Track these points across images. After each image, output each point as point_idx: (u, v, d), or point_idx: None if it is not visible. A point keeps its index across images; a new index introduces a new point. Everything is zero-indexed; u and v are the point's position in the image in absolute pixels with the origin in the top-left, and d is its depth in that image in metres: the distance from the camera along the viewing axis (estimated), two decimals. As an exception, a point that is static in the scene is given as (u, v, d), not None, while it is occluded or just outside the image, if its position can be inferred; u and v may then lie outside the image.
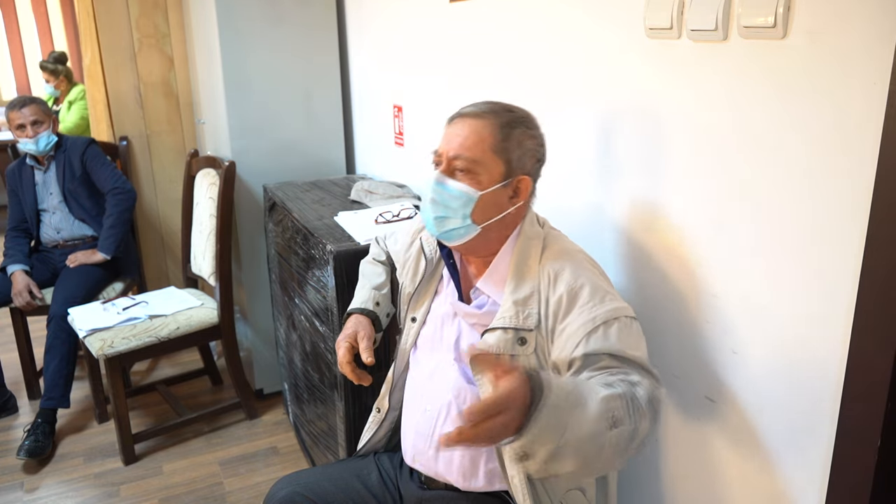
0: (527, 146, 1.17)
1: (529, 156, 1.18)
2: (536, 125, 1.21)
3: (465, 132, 1.16)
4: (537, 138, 1.20)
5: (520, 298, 1.14)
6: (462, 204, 1.15)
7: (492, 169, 1.15)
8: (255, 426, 2.63)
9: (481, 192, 1.15)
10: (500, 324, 1.14)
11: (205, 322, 2.50)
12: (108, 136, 3.18)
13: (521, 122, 1.18)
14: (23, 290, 2.58)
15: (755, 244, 1.08)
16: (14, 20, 5.79)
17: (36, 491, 2.27)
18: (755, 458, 1.14)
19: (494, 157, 1.15)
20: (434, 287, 1.32)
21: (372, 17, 2.41)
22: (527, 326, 1.13)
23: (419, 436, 1.29)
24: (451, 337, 1.26)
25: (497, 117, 1.16)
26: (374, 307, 1.43)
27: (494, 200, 1.16)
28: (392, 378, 1.39)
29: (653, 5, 1.17)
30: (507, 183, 1.16)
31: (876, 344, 0.90)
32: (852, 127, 0.91)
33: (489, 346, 1.14)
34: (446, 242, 1.23)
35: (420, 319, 1.32)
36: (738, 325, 1.13)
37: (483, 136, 1.14)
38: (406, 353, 1.35)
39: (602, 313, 1.07)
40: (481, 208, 1.16)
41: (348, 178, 2.60)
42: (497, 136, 1.14)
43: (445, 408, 1.24)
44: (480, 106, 1.18)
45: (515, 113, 1.18)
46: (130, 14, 3.08)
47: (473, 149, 1.14)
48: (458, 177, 1.16)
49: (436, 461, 1.27)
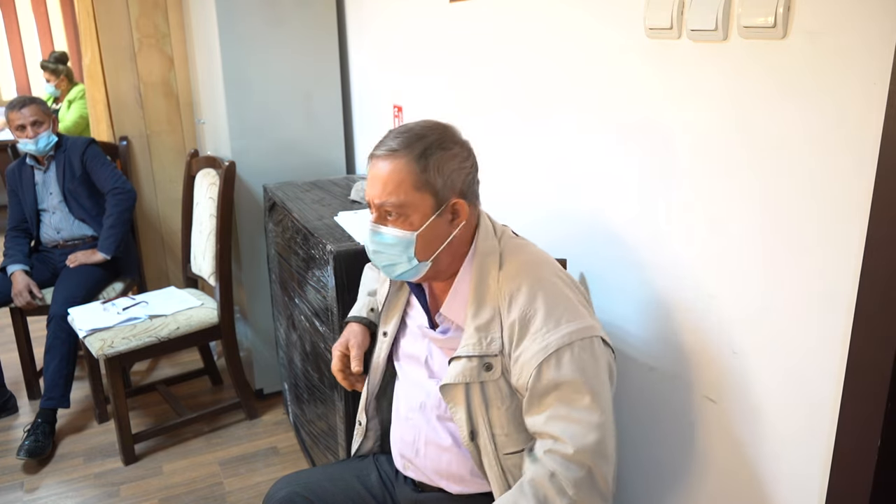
0: (448, 169, 1.12)
1: (455, 177, 1.13)
2: (455, 140, 1.15)
3: (384, 175, 1.12)
4: (458, 155, 1.14)
5: (481, 324, 1.13)
6: (403, 248, 1.13)
7: (420, 206, 1.11)
8: (255, 426, 2.63)
9: (416, 233, 1.12)
10: (463, 352, 1.13)
11: (205, 322, 2.50)
12: (108, 136, 3.18)
13: (435, 146, 1.12)
14: (23, 290, 2.58)
15: (755, 244, 1.08)
16: (14, 20, 5.79)
17: (36, 491, 2.27)
18: (755, 459, 1.14)
19: (419, 194, 1.11)
20: (403, 300, 1.31)
21: (372, 17, 2.41)
22: (491, 352, 1.12)
23: (405, 444, 1.30)
24: (422, 355, 1.27)
25: (410, 151, 1.11)
26: (367, 314, 1.43)
27: (434, 233, 1.14)
28: (367, 391, 1.39)
29: (653, 5, 1.17)
30: (440, 212, 1.13)
31: (876, 344, 0.90)
32: (852, 127, 0.91)
33: (456, 374, 1.13)
34: (405, 281, 1.23)
35: (391, 333, 1.32)
36: (738, 325, 1.13)
37: (402, 176, 1.10)
38: (379, 367, 1.35)
39: (555, 340, 1.06)
40: (423, 245, 1.13)
41: (348, 178, 2.60)
42: (415, 171, 1.10)
43: (427, 419, 1.25)
44: (393, 142, 1.13)
45: (427, 138, 1.13)
46: (130, 14, 3.08)
47: (396, 192, 1.11)
48: (392, 222, 1.13)
49: (425, 467, 1.28)
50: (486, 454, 1.15)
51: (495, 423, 1.14)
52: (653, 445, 1.37)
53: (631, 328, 1.37)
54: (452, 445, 1.23)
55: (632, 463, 1.43)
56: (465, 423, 1.15)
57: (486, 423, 1.14)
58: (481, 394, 1.14)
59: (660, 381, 1.32)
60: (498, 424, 1.14)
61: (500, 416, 1.14)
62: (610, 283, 1.41)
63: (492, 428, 1.14)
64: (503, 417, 1.14)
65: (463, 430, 1.16)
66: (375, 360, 1.35)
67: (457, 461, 1.23)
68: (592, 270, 1.45)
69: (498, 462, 1.15)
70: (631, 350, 1.38)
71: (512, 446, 1.14)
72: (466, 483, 1.25)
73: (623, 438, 1.42)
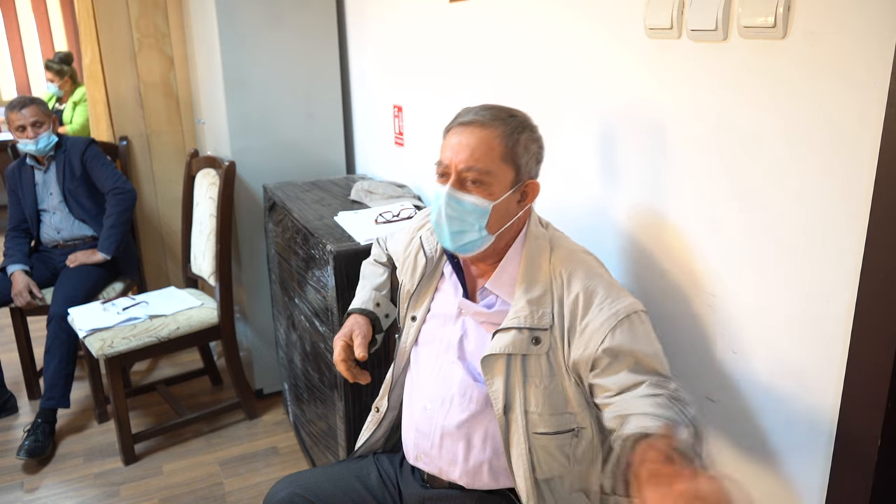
0: (532, 150, 1.17)
1: (534, 159, 1.19)
2: (536, 126, 1.21)
3: (472, 143, 1.13)
4: (538, 140, 1.20)
5: (533, 298, 1.15)
6: (477, 217, 1.14)
7: (503, 178, 1.14)
8: (255, 426, 2.63)
9: (494, 203, 1.14)
10: (514, 323, 1.14)
11: (205, 322, 2.50)
12: (108, 136, 3.18)
13: (524, 126, 1.17)
14: (23, 290, 2.58)
15: (756, 243, 1.08)
16: (14, 20, 5.79)
17: (36, 491, 2.27)
18: (755, 458, 1.14)
19: (504, 166, 1.14)
20: (434, 285, 1.31)
21: (372, 18, 2.41)
22: (542, 326, 1.13)
23: (420, 434, 1.29)
24: (454, 336, 1.26)
25: (504, 125, 1.14)
26: (374, 308, 1.43)
27: (506, 208, 1.16)
28: (392, 377, 1.39)
29: (653, 5, 1.17)
30: (515, 189, 1.16)
31: (876, 344, 0.90)
32: (852, 126, 0.91)
33: (503, 345, 1.14)
34: (461, 255, 1.23)
35: (420, 318, 1.31)
36: (738, 325, 1.13)
37: (492, 145, 1.13)
38: (406, 352, 1.35)
39: (623, 308, 1.09)
40: (495, 218, 1.16)
41: (348, 178, 2.60)
42: (506, 144, 1.13)
43: (447, 403, 1.24)
44: (483, 114, 1.16)
45: (518, 118, 1.18)
46: (130, 14, 3.08)
47: (484, 159, 1.12)
48: (470, 188, 1.14)
49: (439, 459, 1.27)
50: (515, 430, 1.16)
51: (530, 400, 1.14)
52: (653, 445, 1.37)
53: (631, 328, 1.37)
54: (469, 442, 1.22)
55: (632, 463, 1.43)
56: (500, 396, 1.16)
57: (522, 398, 1.15)
58: (522, 368, 1.14)
59: (660, 381, 1.32)
60: (533, 402, 1.14)
61: (538, 393, 1.14)
62: (610, 283, 1.41)
63: (526, 405, 1.15)
64: (539, 396, 1.14)
65: (498, 402, 1.16)
66: (402, 345, 1.35)
67: (472, 456, 1.23)
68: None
69: (527, 440, 1.15)
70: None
71: (543, 426, 1.14)
72: (479, 478, 1.24)
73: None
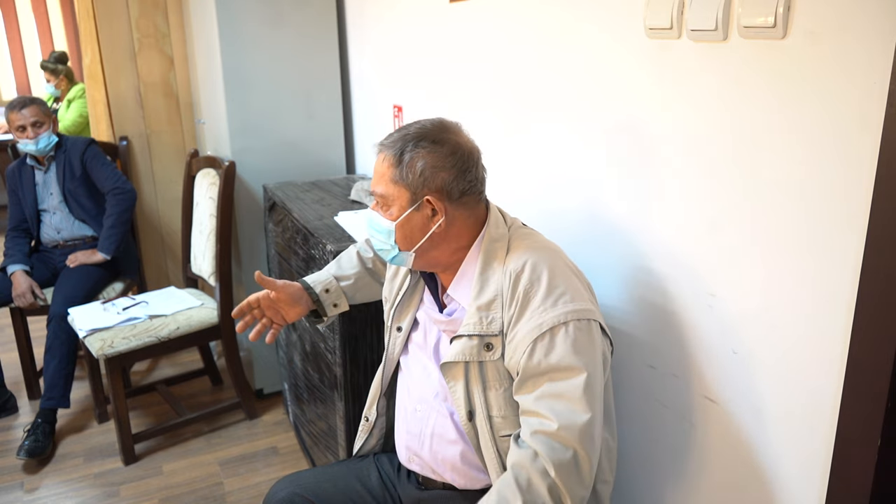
0: (422, 166, 1.14)
1: (430, 173, 1.15)
2: (438, 140, 1.16)
3: (376, 167, 1.21)
4: (438, 152, 1.15)
5: (483, 304, 1.15)
6: (387, 235, 1.20)
7: (399, 199, 1.18)
8: (255, 426, 2.63)
9: (394, 223, 1.18)
10: (464, 331, 1.16)
11: (205, 322, 2.50)
12: (108, 136, 3.18)
13: (413, 143, 1.15)
14: (25, 290, 2.58)
15: (755, 244, 1.08)
16: (14, 20, 5.79)
17: (36, 491, 2.27)
18: (755, 459, 1.14)
19: (395, 188, 1.17)
20: (419, 296, 1.33)
21: (372, 18, 2.41)
22: (491, 332, 1.14)
23: (411, 436, 1.30)
24: (432, 342, 1.29)
25: (391, 147, 1.18)
26: (320, 291, 1.44)
27: (412, 225, 1.18)
28: (380, 386, 1.40)
29: (653, 5, 1.17)
30: (416, 207, 1.17)
31: (876, 344, 0.90)
32: (852, 127, 0.91)
33: (455, 353, 1.16)
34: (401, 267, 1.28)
35: (406, 328, 1.33)
36: (738, 325, 1.13)
37: (383, 171, 1.18)
38: (393, 362, 1.36)
39: (550, 318, 1.07)
40: (402, 237, 1.19)
41: (348, 178, 2.60)
42: (393, 167, 1.17)
43: (435, 410, 1.26)
44: (386, 140, 1.20)
45: (408, 136, 1.17)
46: (130, 14, 3.08)
47: (379, 183, 1.19)
48: (380, 210, 1.21)
49: (430, 460, 1.28)
50: (482, 435, 1.17)
51: (492, 405, 1.16)
52: (653, 445, 1.37)
53: (630, 327, 1.37)
54: (458, 438, 1.24)
55: (632, 462, 1.43)
56: (463, 403, 1.18)
57: (484, 404, 1.16)
58: (480, 374, 1.16)
59: (660, 380, 1.32)
60: (495, 406, 1.15)
61: (497, 397, 1.15)
62: (609, 281, 1.40)
63: (489, 409, 1.16)
64: (500, 399, 1.15)
65: (461, 409, 1.18)
66: (390, 355, 1.36)
67: (462, 453, 1.24)
68: (591, 269, 1.45)
69: (494, 444, 1.16)
70: (630, 349, 1.38)
71: (508, 429, 1.15)
72: (471, 477, 1.25)
73: (622, 438, 1.42)
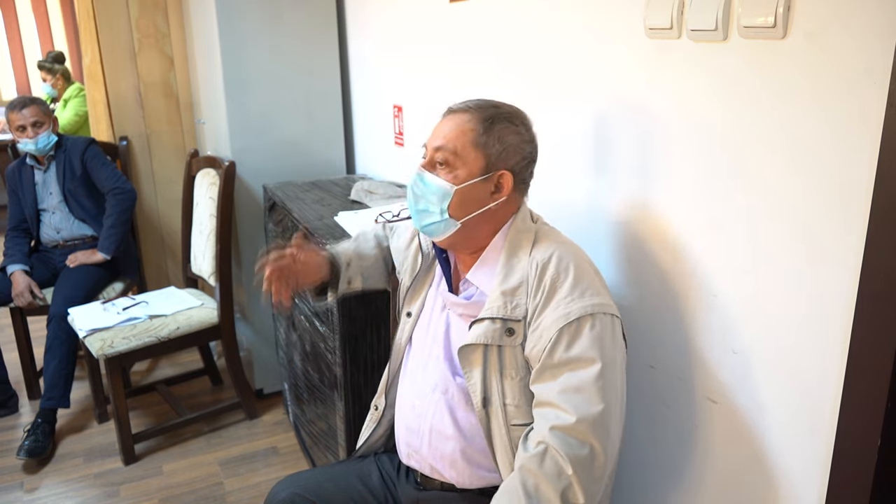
0: (509, 141, 1.16)
1: (513, 152, 1.17)
2: (524, 123, 1.20)
3: (449, 126, 1.17)
4: (523, 135, 1.18)
5: (508, 289, 1.14)
6: (439, 198, 1.16)
7: (470, 163, 1.15)
8: (255, 426, 2.63)
9: (457, 187, 1.15)
10: (487, 314, 1.14)
11: (205, 322, 2.50)
12: (108, 136, 3.18)
13: (505, 117, 1.17)
14: (24, 290, 2.59)
15: (755, 243, 1.08)
16: (14, 20, 5.79)
17: (36, 491, 2.27)
18: (755, 459, 1.14)
19: (474, 151, 1.15)
20: (429, 282, 1.32)
21: (372, 18, 2.41)
22: (514, 317, 1.13)
23: (410, 432, 1.29)
24: (440, 329, 1.26)
25: (481, 112, 1.16)
26: (344, 263, 1.42)
27: (473, 195, 1.16)
28: (388, 374, 1.39)
29: (653, 5, 1.17)
30: (486, 178, 1.16)
31: (876, 344, 0.90)
32: (852, 127, 0.91)
33: (477, 336, 1.14)
34: (428, 236, 1.24)
35: (415, 314, 1.32)
36: (738, 325, 1.13)
37: (464, 129, 1.15)
38: (401, 349, 1.35)
39: (577, 308, 1.07)
40: (458, 203, 1.16)
41: (348, 178, 2.60)
42: (478, 130, 1.15)
43: (433, 405, 1.24)
44: (469, 102, 1.19)
45: (501, 109, 1.18)
46: (130, 14, 3.08)
47: (454, 141, 1.15)
48: (438, 170, 1.17)
49: (430, 456, 1.27)
50: (495, 422, 1.16)
51: (507, 393, 1.15)
52: (653, 445, 1.37)
53: (631, 327, 1.37)
54: (455, 433, 1.22)
55: (633, 463, 1.43)
56: (479, 389, 1.16)
57: (500, 390, 1.15)
58: (498, 359, 1.15)
59: (660, 381, 1.32)
60: (510, 394, 1.15)
61: (513, 386, 1.14)
62: (608, 282, 1.40)
63: (504, 397, 1.15)
64: (515, 388, 1.14)
65: (476, 395, 1.17)
66: (398, 341, 1.35)
67: (461, 450, 1.23)
68: (592, 270, 1.45)
69: (507, 432, 1.15)
70: (631, 349, 1.38)
71: (520, 418, 1.15)
72: (469, 474, 1.24)
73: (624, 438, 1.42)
